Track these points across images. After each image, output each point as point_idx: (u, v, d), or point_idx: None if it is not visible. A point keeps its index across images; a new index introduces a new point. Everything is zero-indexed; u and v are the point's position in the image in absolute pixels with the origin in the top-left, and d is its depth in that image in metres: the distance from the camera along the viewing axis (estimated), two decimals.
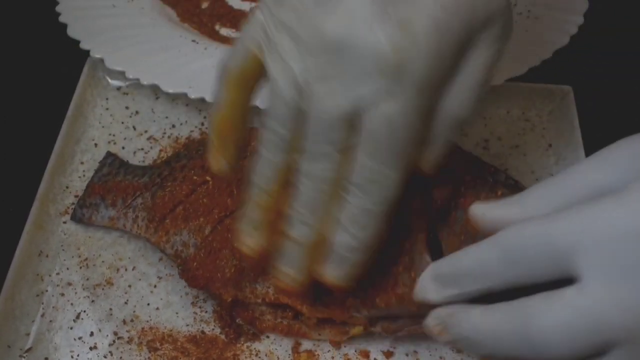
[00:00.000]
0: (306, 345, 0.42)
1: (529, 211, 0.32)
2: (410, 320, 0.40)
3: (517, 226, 0.30)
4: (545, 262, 0.29)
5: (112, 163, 0.48)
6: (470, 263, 0.32)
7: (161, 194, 0.44)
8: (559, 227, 0.29)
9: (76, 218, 0.46)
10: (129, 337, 0.42)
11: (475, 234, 0.37)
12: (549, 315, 0.29)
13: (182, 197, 0.43)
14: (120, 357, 0.41)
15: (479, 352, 0.32)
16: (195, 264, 0.41)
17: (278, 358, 0.41)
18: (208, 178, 0.43)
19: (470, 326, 0.31)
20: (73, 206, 0.47)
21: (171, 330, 0.42)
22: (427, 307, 0.37)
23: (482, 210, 0.34)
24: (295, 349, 0.41)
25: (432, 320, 0.33)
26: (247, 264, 0.39)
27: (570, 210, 0.29)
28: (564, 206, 0.31)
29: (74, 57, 0.53)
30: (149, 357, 0.41)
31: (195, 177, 0.43)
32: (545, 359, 0.29)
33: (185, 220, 0.42)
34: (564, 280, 0.29)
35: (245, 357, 0.41)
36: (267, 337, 0.42)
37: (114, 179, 0.47)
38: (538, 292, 0.30)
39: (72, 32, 0.53)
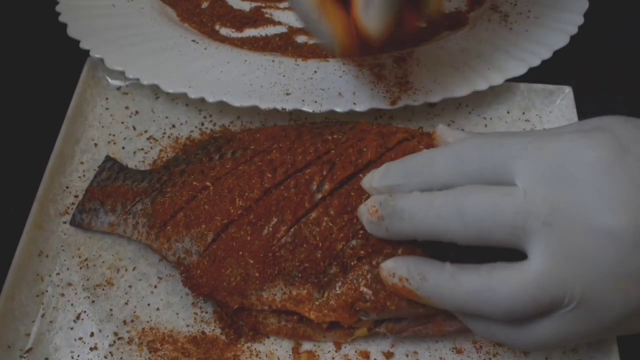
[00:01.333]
0: (306, 346, 0.42)
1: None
2: (414, 321, 0.40)
3: (470, 138, 0.36)
4: (487, 165, 0.34)
5: (111, 167, 0.48)
6: (421, 159, 0.37)
7: (161, 200, 0.44)
8: (505, 140, 0.35)
9: (75, 223, 0.46)
10: (129, 338, 0.42)
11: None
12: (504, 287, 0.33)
13: (183, 203, 0.43)
14: (121, 358, 0.41)
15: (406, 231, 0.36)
16: (198, 271, 0.41)
17: (278, 359, 0.41)
18: (208, 184, 0.43)
19: (406, 201, 0.36)
20: (73, 206, 0.47)
21: (171, 331, 0.42)
22: (433, 308, 0.37)
23: (446, 134, 0.39)
24: (296, 349, 0.41)
25: (370, 202, 0.37)
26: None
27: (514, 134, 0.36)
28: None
29: (74, 56, 0.53)
30: (149, 358, 0.41)
31: (195, 183, 0.43)
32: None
33: (187, 227, 0.42)
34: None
35: (246, 358, 0.41)
36: (268, 337, 0.42)
37: (113, 184, 0.46)
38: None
39: (72, 32, 0.53)
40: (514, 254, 0.34)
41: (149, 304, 0.43)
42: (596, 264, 0.32)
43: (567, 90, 0.52)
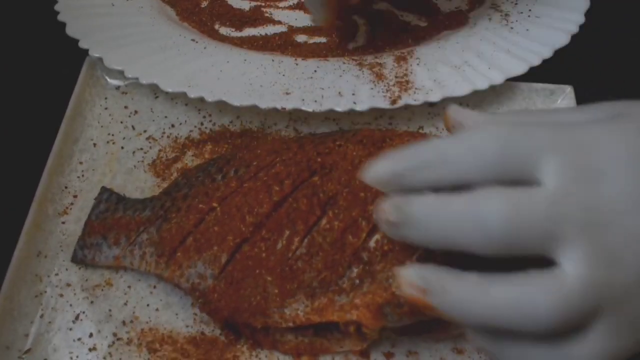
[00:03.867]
0: None
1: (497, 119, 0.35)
2: (423, 324, 0.39)
3: (489, 125, 0.32)
4: (511, 161, 0.31)
5: (109, 198, 0.46)
6: (432, 151, 0.33)
7: (167, 227, 0.42)
8: (531, 130, 0.31)
9: (77, 260, 0.44)
10: (128, 339, 0.41)
11: None
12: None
13: (191, 227, 0.41)
14: (120, 359, 0.41)
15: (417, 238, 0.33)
16: (215, 295, 0.40)
17: (278, 359, 0.41)
18: (215, 204, 0.41)
19: (418, 207, 0.32)
20: (72, 206, 0.47)
21: (171, 332, 0.42)
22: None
23: (459, 115, 0.35)
24: None
25: (386, 205, 0.33)
26: None
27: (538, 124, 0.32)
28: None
29: (73, 56, 0.53)
30: (148, 359, 0.40)
31: (201, 205, 0.42)
32: None
33: (198, 251, 0.41)
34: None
35: (246, 359, 0.41)
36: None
37: (113, 216, 0.45)
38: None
39: (70, 31, 0.53)
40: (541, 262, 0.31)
41: (148, 305, 0.43)
42: (631, 267, 0.30)
43: (568, 90, 0.52)
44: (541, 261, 0.31)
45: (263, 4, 0.61)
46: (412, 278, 0.32)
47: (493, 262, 0.31)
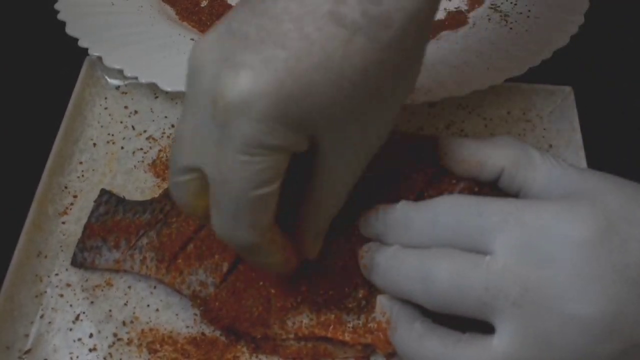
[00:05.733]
0: None
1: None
2: None
3: (448, 199, 0.35)
4: (463, 233, 0.33)
5: (109, 201, 0.46)
6: (398, 217, 0.36)
7: (167, 232, 0.42)
8: (485, 208, 0.33)
9: (77, 263, 0.44)
10: (128, 339, 0.41)
11: None
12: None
13: (191, 233, 0.41)
14: (120, 359, 0.41)
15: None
16: (217, 303, 0.40)
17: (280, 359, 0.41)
18: None
19: (382, 256, 0.36)
20: (72, 206, 0.47)
21: (171, 332, 0.42)
22: None
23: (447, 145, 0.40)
24: None
25: (363, 249, 0.38)
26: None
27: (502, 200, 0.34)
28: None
29: (73, 55, 0.53)
30: (148, 359, 0.40)
31: None
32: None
33: (199, 258, 0.41)
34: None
35: (246, 359, 0.41)
36: None
37: (113, 218, 0.45)
38: None
39: (70, 30, 0.53)
40: None
41: (148, 305, 0.43)
42: (562, 351, 0.31)
43: (568, 91, 0.52)
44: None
45: None
46: (385, 307, 0.37)
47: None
